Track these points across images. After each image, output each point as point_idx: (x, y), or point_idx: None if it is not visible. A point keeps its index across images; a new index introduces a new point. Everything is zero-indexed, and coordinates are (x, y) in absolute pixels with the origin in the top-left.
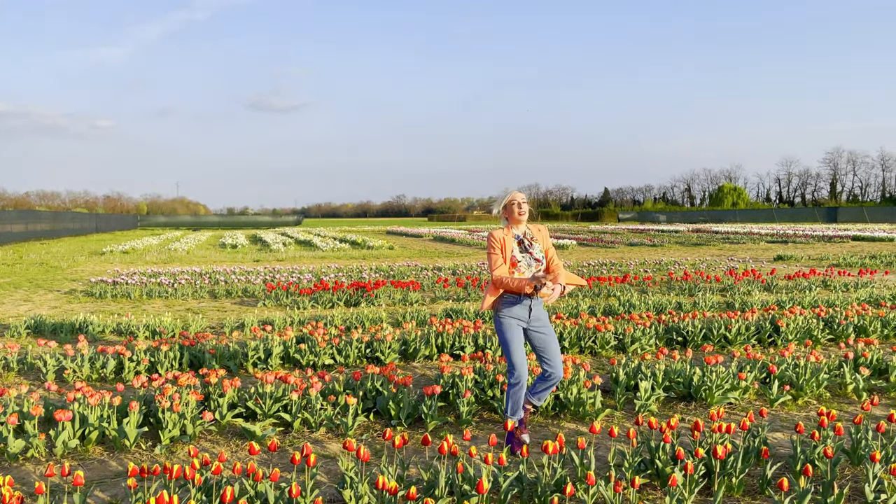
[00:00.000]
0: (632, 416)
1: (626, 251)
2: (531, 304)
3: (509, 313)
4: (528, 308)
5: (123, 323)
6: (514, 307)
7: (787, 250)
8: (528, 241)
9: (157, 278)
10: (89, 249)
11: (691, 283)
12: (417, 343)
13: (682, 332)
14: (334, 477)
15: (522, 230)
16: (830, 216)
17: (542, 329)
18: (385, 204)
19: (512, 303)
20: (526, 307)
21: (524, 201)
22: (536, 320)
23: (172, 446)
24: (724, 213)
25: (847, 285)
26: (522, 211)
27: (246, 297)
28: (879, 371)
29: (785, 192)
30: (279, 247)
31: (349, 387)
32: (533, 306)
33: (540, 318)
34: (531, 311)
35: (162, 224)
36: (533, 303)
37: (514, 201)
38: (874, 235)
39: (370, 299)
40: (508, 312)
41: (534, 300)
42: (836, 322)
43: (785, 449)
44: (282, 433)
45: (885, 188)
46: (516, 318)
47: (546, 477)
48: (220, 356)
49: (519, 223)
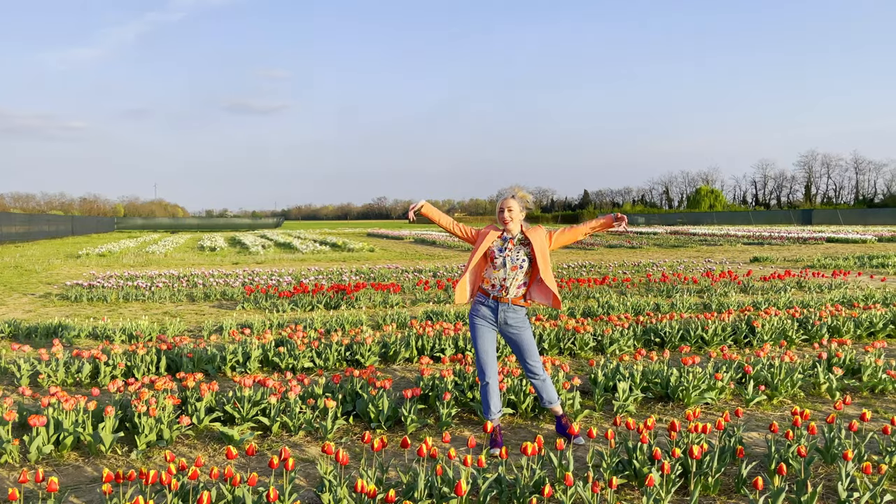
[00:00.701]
0: (610, 416)
1: (605, 253)
2: (498, 307)
3: (476, 314)
4: (494, 311)
5: (99, 327)
6: (482, 308)
7: (763, 252)
8: (514, 244)
9: (135, 281)
10: (65, 252)
11: (669, 285)
12: (398, 345)
13: (659, 333)
14: (313, 480)
15: (515, 233)
16: (805, 218)
17: (516, 331)
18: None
19: (480, 303)
20: (492, 309)
21: (511, 208)
22: (506, 323)
23: (149, 451)
24: (701, 216)
25: (821, 286)
26: (504, 217)
27: (224, 300)
28: (852, 371)
29: (761, 194)
30: (258, 249)
31: (328, 390)
32: (501, 310)
33: (511, 322)
34: (497, 314)
35: (139, 226)
36: (501, 307)
37: (501, 207)
38: (847, 237)
39: (350, 302)
40: (476, 313)
41: (502, 304)
42: (811, 323)
43: (760, 448)
44: (260, 437)
45: (858, 191)
46: (484, 318)
47: (525, 478)
48: (198, 360)
49: (506, 226)
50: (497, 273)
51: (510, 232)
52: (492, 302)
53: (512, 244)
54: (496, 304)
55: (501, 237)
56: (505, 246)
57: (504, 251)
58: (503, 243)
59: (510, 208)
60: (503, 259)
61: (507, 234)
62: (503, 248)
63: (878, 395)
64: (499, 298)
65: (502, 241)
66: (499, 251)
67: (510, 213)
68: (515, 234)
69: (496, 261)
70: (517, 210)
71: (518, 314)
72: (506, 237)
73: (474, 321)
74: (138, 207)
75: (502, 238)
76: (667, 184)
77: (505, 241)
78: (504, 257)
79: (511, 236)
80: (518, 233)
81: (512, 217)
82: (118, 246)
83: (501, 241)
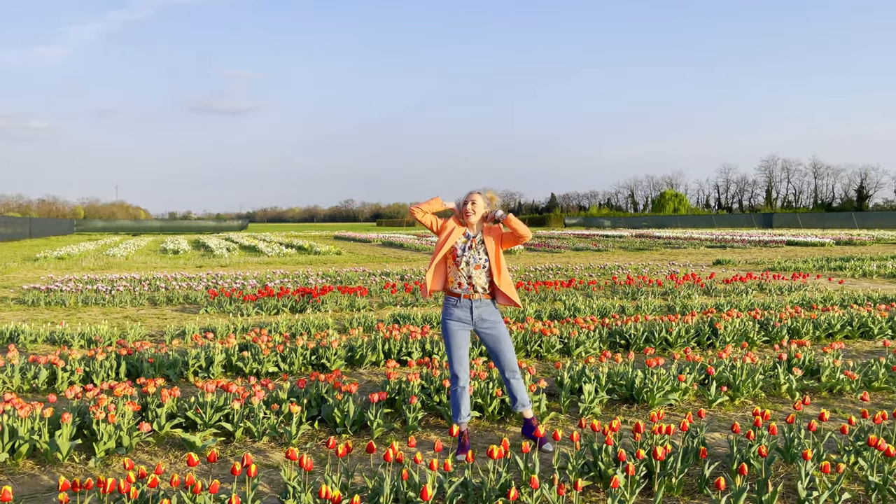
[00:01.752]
0: (576, 418)
1: (571, 256)
2: (471, 304)
3: (449, 317)
4: (468, 309)
5: (57, 331)
6: (454, 309)
7: (726, 255)
8: (476, 244)
9: (94, 285)
10: (22, 255)
11: (634, 288)
12: (364, 349)
13: (625, 335)
14: (277, 487)
15: (476, 228)
16: (766, 222)
17: (491, 329)
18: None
19: (453, 304)
20: (466, 308)
21: (475, 202)
22: (483, 321)
23: (107, 459)
24: (666, 219)
25: (781, 289)
26: (467, 210)
27: (187, 303)
28: (811, 371)
29: (724, 198)
30: (223, 252)
31: (293, 394)
32: (475, 307)
33: (487, 319)
34: (473, 312)
35: (100, 229)
36: (474, 303)
37: (466, 199)
38: (807, 241)
39: (316, 305)
40: (448, 316)
41: (474, 301)
42: (771, 324)
43: (722, 448)
44: (223, 443)
45: (816, 195)
46: (458, 320)
47: (491, 482)
48: (160, 365)
49: (467, 219)
50: (461, 272)
51: (472, 228)
52: (463, 301)
53: (474, 243)
54: (469, 303)
55: (465, 234)
56: (467, 244)
57: (466, 251)
58: (466, 241)
59: (474, 202)
60: (465, 259)
61: (470, 231)
62: (465, 248)
63: (837, 395)
64: (470, 297)
65: (466, 238)
66: (461, 251)
67: (473, 206)
68: (476, 233)
69: (458, 260)
70: (480, 205)
71: (490, 308)
72: (469, 235)
73: (447, 324)
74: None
75: (466, 236)
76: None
77: (468, 238)
78: (467, 258)
79: (473, 235)
80: (479, 231)
81: (474, 211)
82: (77, 249)
83: (465, 238)
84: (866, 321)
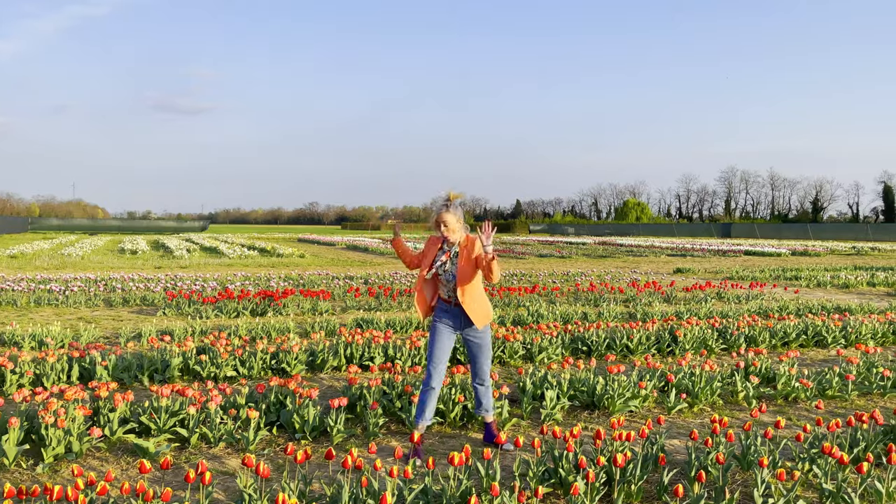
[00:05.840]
0: (538, 424)
1: (536, 262)
2: (460, 312)
3: (440, 319)
4: (455, 315)
5: (7, 332)
6: (445, 314)
7: (686, 263)
8: (450, 257)
9: (48, 285)
10: None
11: (597, 294)
12: (325, 354)
13: (587, 341)
14: (233, 494)
15: (453, 244)
16: (725, 231)
17: (478, 339)
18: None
19: (444, 309)
20: (456, 315)
21: (446, 223)
22: (472, 330)
23: (56, 465)
24: (628, 227)
25: (739, 297)
26: (443, 232)
27: (145, 305)
28: (768, 379)
29: (684, 207)
30: (183, 253)
31: (252, 399)
32: (462, 314)
33: (476, 329)
34: (461, 319)
35: (55, 227)
36: (463, 311)
37: (437, 221)
38: (764, 251)
39: (278, 309)
40: (439, 318)
41: (462, 308)
42: (729, 332)
43: (681, 455)
44: (178, 449)
45: (773, 206)
46: (447, 323)
47: (451, 489)
48: (114, 368)
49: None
50: (442, 286)
51: (450, 243)
52: (454, 308)
53: (447, 257)
54: (459, 310)
55: (441, 248)
56: (438, 259)
57: (440, 265)
58: (440, 254)
59: (445, 223)
60: (441, 269)
61: (447, 245)
62: (438, 262)
63: (792, 402)
64: (459, 304)
65: (441, 252)
66: (438, 265)
67: (446, 227)
68: (453, 247)
69: (441, 278)
70: (453, 222)
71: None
72: (444, 249)
73: (436, 324)
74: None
75: (441, 250)
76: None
77: (443, 252)
78: (443, 272)
79: (448, 248)
80: (456, 244)
81: (449, 229)
82: (31, 247)
83: (441, 252)
84: (820, 330)
